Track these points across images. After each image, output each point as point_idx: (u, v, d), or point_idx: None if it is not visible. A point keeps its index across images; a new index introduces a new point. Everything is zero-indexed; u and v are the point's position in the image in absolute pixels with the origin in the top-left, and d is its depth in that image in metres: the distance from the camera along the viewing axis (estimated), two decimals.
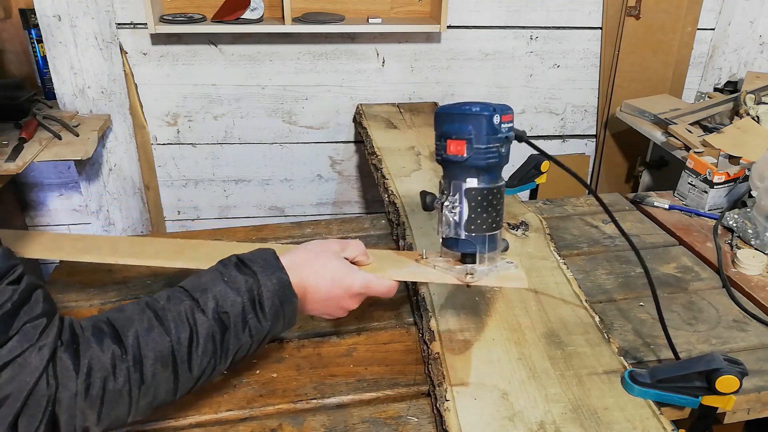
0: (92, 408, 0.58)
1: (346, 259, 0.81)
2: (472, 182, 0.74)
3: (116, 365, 0.59)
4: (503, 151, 0.75)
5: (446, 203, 0.75)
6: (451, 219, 0.75)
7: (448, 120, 0.74)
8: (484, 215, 0.75)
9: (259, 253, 0.74)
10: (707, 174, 1.32)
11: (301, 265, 0.75)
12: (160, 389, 0.64)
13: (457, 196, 0.74)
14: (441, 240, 0.80)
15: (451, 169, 0.75)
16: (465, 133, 0.71)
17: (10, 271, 0.55)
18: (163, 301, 0.66)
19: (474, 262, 0.78)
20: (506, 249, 0.81)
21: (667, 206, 1.36)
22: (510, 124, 0.75)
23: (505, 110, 0.74)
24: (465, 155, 0.71)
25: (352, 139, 2.25)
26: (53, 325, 0.57)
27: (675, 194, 1.42)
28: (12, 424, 0.53)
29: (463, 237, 0.75)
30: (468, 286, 0.82)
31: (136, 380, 0.61)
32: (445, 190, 0.76)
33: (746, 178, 1.33)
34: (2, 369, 0.52)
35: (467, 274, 0.77)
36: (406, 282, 1.08)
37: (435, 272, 0.83)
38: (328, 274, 0.77)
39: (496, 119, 0.72)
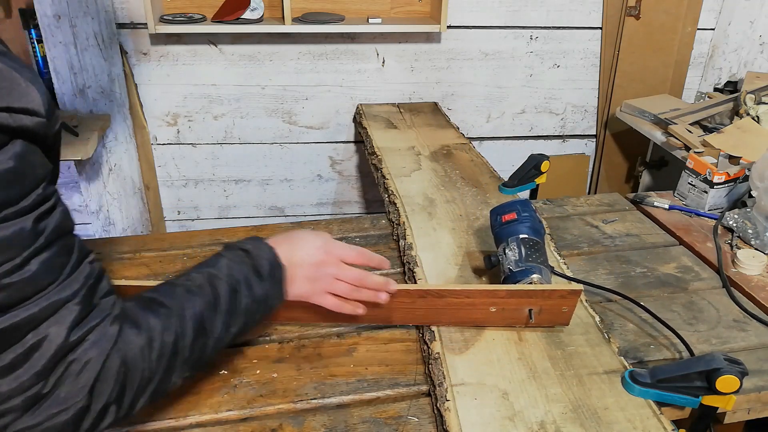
0: (154, 360, 0.63)
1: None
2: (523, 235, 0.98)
3: (166, 322, 0.66)
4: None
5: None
6: (512, 257, 0.95)
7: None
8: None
9: (246, 239, 0.82)
10: (707, 174, 1.32)
11: (282, 241, 0.82)
12: (196, 345, 0.69)
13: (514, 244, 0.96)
14: (503, 280, 0.95)
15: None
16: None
17: (90, 253, 0.63)
18: (184, 278, 0.73)
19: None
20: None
21: (667, 206, 1.36)
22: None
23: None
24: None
25: (352, 139, 2.25)
26: (119, 300, 0.64)
27: (675, 194, 1.42)
28: (90, 388, 0.58)
29: (522, 267, 0.93)
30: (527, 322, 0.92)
31: (180, 334, 0.67)
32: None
33: (746, 178, 1.33)
34: (88, 334, 0.58)
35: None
36: (405, 280, 1.08)
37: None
38: (308, 242, 0.84)
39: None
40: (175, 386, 0.68)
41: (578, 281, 1.02)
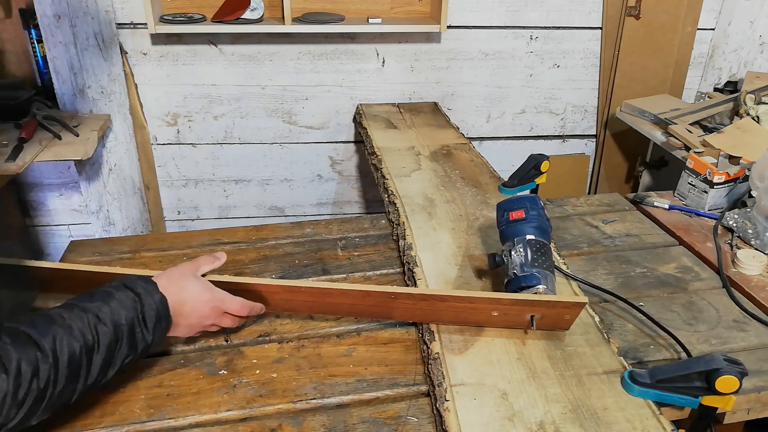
0: (18, 406, 0.62)
1: (203, 275, 0.89)
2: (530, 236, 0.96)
3: (39, 366, 0.64)
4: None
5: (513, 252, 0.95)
6: (517, 260, 0.93)
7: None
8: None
9: (139, 278, 0.81)
10: (707, 174, 1.32)
11: (169, 289, 0.82)
12: (66, 390, 0.69)
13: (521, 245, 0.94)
14: (507, 283, 0.94)
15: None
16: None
17: None
18: (67, 313, 0.71)
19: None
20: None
21: (667, 206, 1.36)
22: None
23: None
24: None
25: (352, 139, 2.25)
26: None
27: (675, 194, 1.42)
28: None
29: (527, 272, 0.91)
30: (528, 330, 0.92)
31: (51, 381, 0.66)
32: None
33: (746, 178, 1.33)
34: None
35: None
36: (404, 280, 1.08)
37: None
38: (194, 294, 0.85)
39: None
40: (26, 428, 0.68)
41: (582, 281, 1.02)
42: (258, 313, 0.93)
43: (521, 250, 0.93)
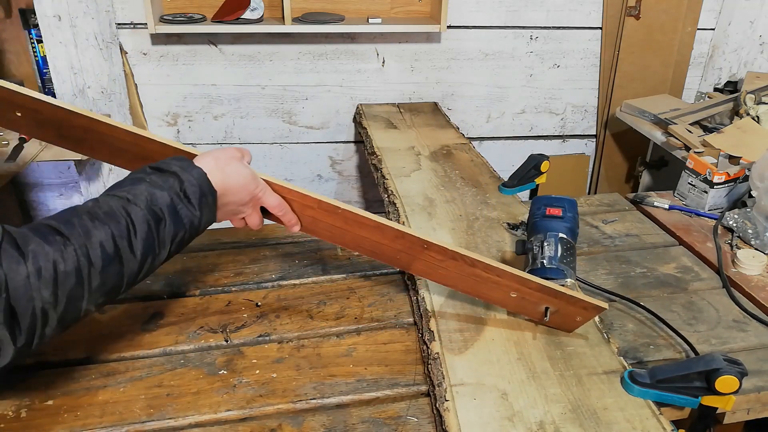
0: (46, 287, 0.62)
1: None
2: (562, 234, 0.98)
3: (63, 250, 0.63)
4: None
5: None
6: (547, 252, 0.95)
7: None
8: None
9: (172, 159, 0.79)
10: (707, 174, 1.32)
11: (214, 168, 0.80)
12: (108, 273, 0.67)
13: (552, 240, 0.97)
14: (530, 272, 0.93)
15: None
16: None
17: None
18: (91, 203, 0.70)
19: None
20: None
21: (667, 206, 1.36)
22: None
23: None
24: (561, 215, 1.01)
25: (352, 139, 2.25)
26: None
27: (675, 194, 1.42)
28: None
29: (555, 266, 0.93)
30: (541, 319, 0.92)
31: (84, 263, 0.65)
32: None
33: (746, 178, 1.33)
34: None
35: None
36: (404, 280, 1.08)
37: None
38: (239, 178, 0.83)
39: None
40: (89, 313, 0.68)
41: (583, 281, 1.02)
42: (290, 224, 0.89)
43: (553, 244, 0.95)
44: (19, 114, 0.83)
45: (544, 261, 0.93)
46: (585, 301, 0.86)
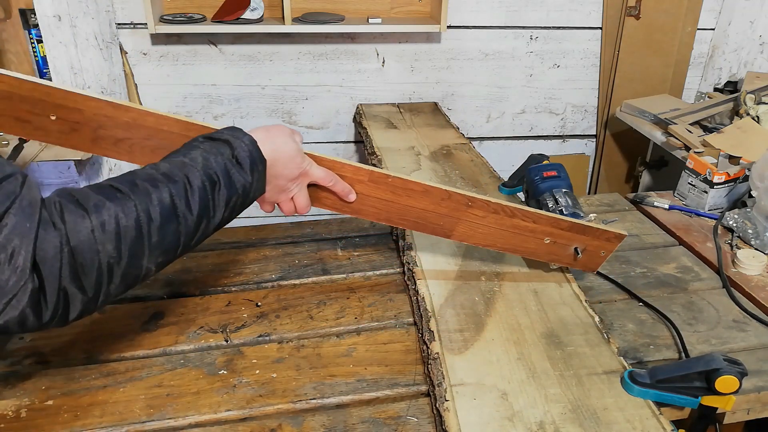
0: (110, 241, 0.62)
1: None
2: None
3: (124, 205, 0.64)
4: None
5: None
6: (563, 202, 1.10)
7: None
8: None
9: (224, 128, 0.80)
10: (707, 174, 1.32)
11: (264, 138, 0.82)
12: (167, 230, 0.68)
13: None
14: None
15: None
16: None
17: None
18: (150, 167, 0.71)
19: None
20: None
21: (667, 206, 1.36)
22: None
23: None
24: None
25: (352, 139, 2.25)
26: (27, 184, 0.61)
27: (675, 194, 1.42)
28: (32, 269, 0.57)
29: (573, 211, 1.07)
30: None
31: (144, 219, 0.66)
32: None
33: (746, 178, 1.33)
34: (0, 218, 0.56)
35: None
36: (404, 280, 1.08)
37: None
38: (288, 151, 0.85)
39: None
40: (149, 273, 0.68)
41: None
42: (344, 193, 0.92)
43: (563, 196, 1.10)
44: (53, 117, 0.79)
45: (563, 209, 1.06)
46: (610, 232, 0.96)
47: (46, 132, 0.80)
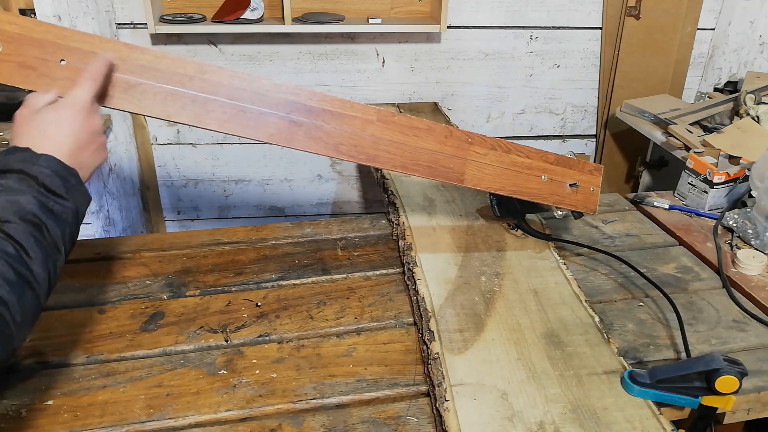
0: None
1: (60, 97, 0.75)
2: None
3: None
4: None
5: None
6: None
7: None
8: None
9: (7, 154, 0.69)
10: (707, 174, 1.32)
11: (48, 141, 0.71)
12: (24, 300, 0.62)
13: None
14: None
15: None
16: None
17: None
18: None
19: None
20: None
21: (667, 206, 1.36)
22: None
23: None
24: None
25: None
26: None
27: (675, 194, 1.42)
28: None
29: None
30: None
31: (2, 309, 0.59)
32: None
33: (746, 178, 1.33)
34: None
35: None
36: (404, 280, 1.08)
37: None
38: (70, 127, 0.73)
39: None
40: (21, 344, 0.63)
41: (558, 239, 1.02)
42: (102, 68, 0.76)
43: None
44: (63, 62, 0.75)
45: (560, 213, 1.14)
46: (590, 164, 1.08)
47: (51, 80, 0.76)
